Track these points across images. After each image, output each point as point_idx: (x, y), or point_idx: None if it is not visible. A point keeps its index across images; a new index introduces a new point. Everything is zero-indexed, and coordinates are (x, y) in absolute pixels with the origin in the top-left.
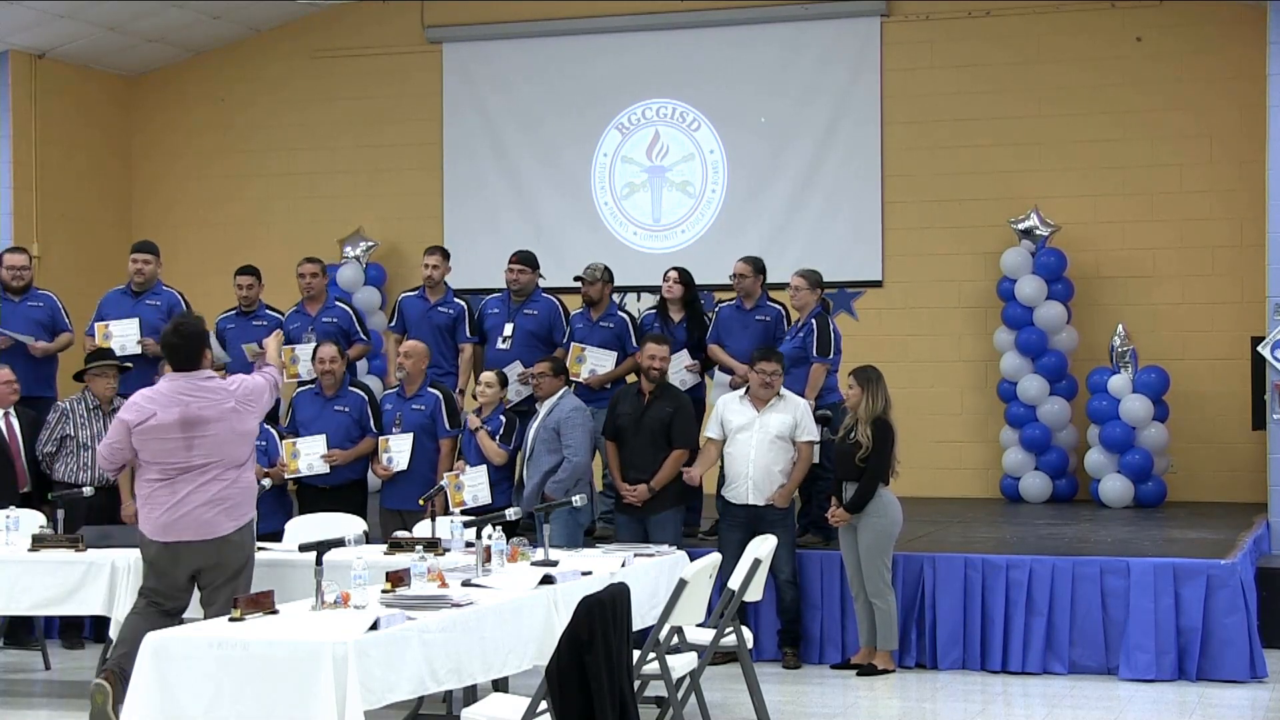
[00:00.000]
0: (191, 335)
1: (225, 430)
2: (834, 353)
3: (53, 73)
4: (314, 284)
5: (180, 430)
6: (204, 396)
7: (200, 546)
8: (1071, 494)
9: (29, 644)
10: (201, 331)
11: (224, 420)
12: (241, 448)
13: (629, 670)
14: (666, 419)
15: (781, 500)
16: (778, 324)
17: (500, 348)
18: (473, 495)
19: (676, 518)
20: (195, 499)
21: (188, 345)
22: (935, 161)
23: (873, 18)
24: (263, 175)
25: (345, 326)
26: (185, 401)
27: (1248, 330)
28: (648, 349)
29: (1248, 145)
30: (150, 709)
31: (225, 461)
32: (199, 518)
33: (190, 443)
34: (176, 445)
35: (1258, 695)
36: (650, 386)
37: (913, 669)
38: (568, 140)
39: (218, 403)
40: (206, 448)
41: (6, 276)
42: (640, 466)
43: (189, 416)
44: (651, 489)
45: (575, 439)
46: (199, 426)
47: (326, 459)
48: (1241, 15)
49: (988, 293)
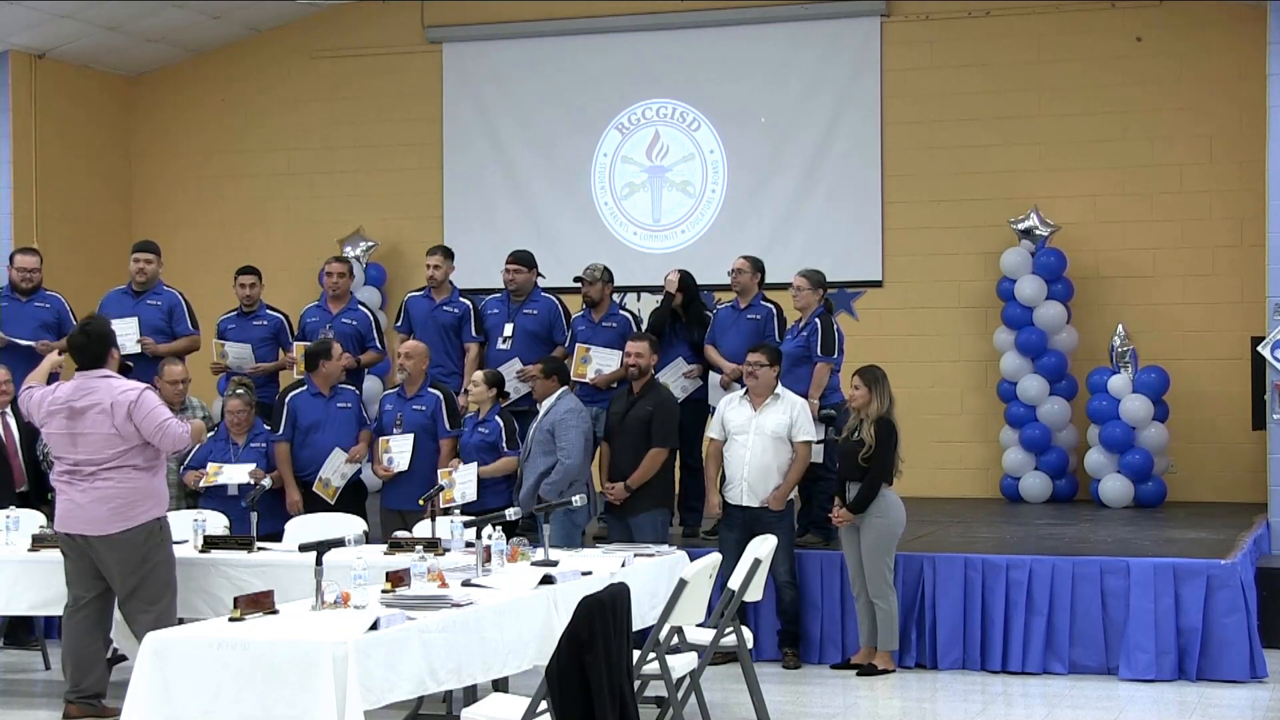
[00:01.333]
0: (96, 335)
1: (104, 428)
2: (838, 352)
3: (53, 73)
4: (340, 284)
5: (66, 424)
6: (90, 395)
7: (93, 542)
8: (1071, 494)
9: (29, 644)
10: (107, 333)
11: (103, 418)
12: (123, 450)
13: (629, 670)
14: (647, 418)
15: (775, 503)
16: (767, 323)
17: (500, 348)
18: (461, 493)
19: (657, 519)
20: (84, 495)
21: (92, 345)
22: (935, 161)
23: (873, 17)
24: (263, 175)
25: (363, 331)
26: (75, 397)
27: (1248, 330)
28: (627, 346)
29: (1248, 145)
30: (150, 709)
31: (106, 461)
32: (90, 514)
33: (74, 439)
34: (63, 439)
35: (1258, 695)
36: (637, 386)
37: (913, 669)
38: (568, 140)
39: (98, 401)
40: (88, 445)
41: (16, 277)
42: (622, 466)
43: (74, 411)
44: (628, 488)
45: (569, 440)
46: (79, 422)
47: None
48: (1241, 15)
49: (988, 293)
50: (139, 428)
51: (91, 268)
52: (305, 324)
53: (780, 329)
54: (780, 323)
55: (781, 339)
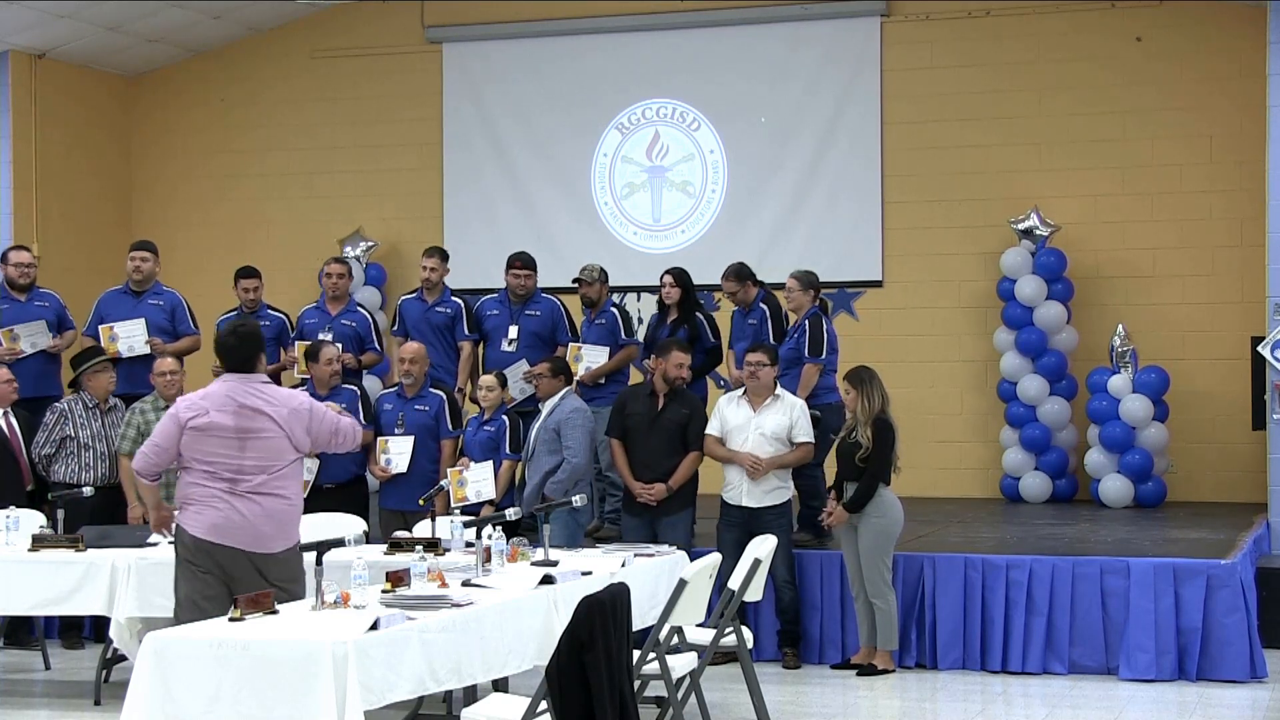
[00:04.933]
0: (248, 337)
1: (280, 436)
2: (827, 353)
3: (53, 73)
4: (339, 285)
5: (235, 430)
6: (259, 399)
7: (248, 557)
8: (1071, 494)
9: (29, 644)
10: (258, 333)
11: (280, 425)
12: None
13: (629, 670)
14: (683, 421)
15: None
16: (763, 325)
17: (505, 350)
18: (476, 491)
19: (687, 518)
20: (252, 509)
21: (243, 347)
22: (935, 161)
23: (873, 17)
24: (262, 175)
25: (362, 333)
26: (239, 402)
27: (1248, 330)
28: (674, 358)
29: (1248, 145)
30: (150, 709)
31: (278, 469)
32: (257, 530)
33: (244, 444)
34: (230, 446)
35: (1258, 695)
36: (664, 389)
37: (913, 669)
38: (567, 140)
39: (274, 406)
40: (260, 451)
41: (13, 274)
42: (654, 467)
43: (243, 417)
44: (670, 489)
45: (575, 440)
46: (252, 429)
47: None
48: (1241, 15)
49: (988, 293)
50: (313, 435)
51: (91, 267)
52: (304, 325)
53: (776, 329)
54: (775, 323)
55: (780, 339)
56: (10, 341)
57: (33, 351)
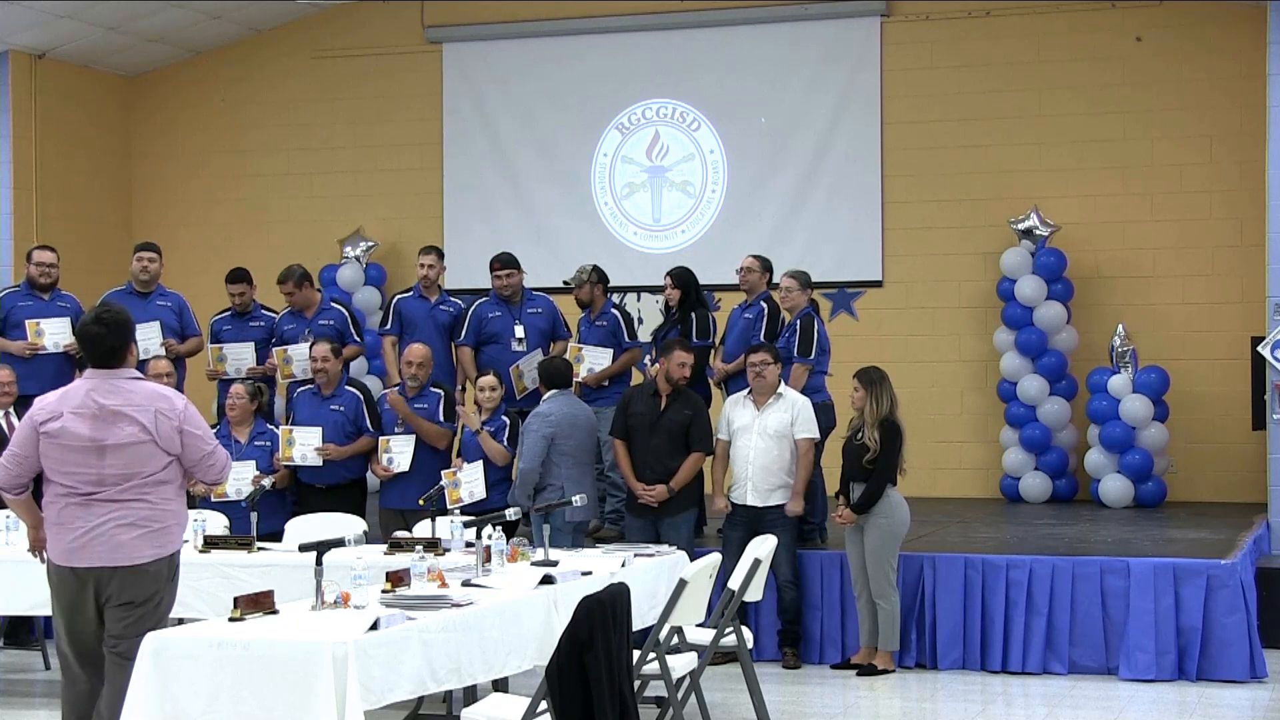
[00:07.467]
0: (115, 325)
1: (145, 442)
2: (816, 353)
3: (53, 73)
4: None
5: (91, 439)
6: (122, 398)
7: (111, 574)
8: (1071, 494)
9: (29, 644)
10: (127, 322)
11: (146, 428)
12: (165, 465)
13: (629, 670)
14: (685, 421)
15: (793, 505)
16: (758, 320)
17: (516, 349)
18: (469, 491)
19: (690, 519)
20: (110, 513)
21: (110, 336)
22: (935, 161)
23: (873, 18)
24: (262, 175)
25: (340, 328)
26: (100, 403)
27: (1248, 330)
28: (676, 357)
29: (1248, 145)
30: (150, 709)
31: (148, 474)
32: (113, 538)
33: (103, 454)
34: (89, 456)
35: (1258, 695)
36: (667, 389)
37: (913, 669)
38: (568, 140)
39: (139, 408)
40: (124, 459)
41: (35, 273)
42: (656, 468)
43: (102, 422)
44: (671, 490)
45: (526, 445)
46: (112, 436)
47: (320, 452)
48: (1241, 15)
49: (988, 293)
50: (185, 447)
51: (92, 268)
52: (282, 330)
53: (771, 327)
54: (770, 321)
55: (775, 337)
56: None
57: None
